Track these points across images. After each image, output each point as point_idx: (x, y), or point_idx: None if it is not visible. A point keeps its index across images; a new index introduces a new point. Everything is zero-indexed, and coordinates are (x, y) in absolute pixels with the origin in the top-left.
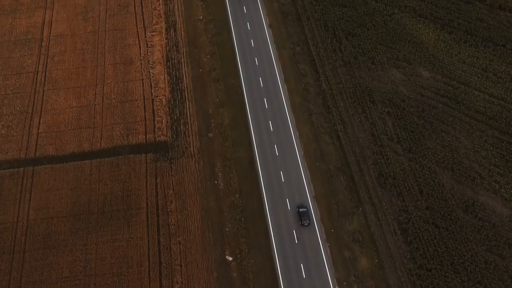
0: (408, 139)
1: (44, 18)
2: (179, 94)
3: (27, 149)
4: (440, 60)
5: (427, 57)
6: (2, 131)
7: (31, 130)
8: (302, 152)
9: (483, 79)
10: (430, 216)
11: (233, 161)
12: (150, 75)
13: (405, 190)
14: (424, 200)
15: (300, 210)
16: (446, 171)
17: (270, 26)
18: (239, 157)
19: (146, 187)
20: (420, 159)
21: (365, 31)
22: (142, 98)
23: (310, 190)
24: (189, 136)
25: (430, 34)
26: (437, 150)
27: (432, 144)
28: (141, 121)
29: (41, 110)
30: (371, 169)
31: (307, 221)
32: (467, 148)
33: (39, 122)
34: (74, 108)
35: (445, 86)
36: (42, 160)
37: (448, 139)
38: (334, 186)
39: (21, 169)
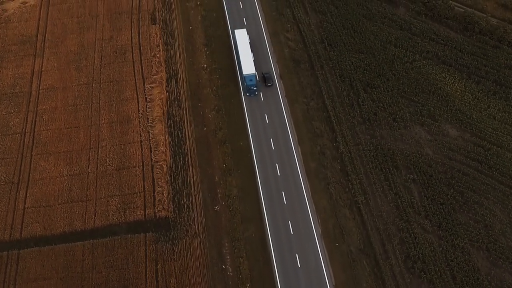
0: (437, 212)
1: (33, 67)
2: (181, 158)
3: (12, 228)
4: (468, 116)
5: (453, 112)
6: None
7: (16, 204)
8: (320, 230)
9: None
10: None
11: (243, 241)
12: (149, 135)
13: (436, 276)
14: None
15: None
16: (481, 251)
17: (280, 76)
18: (249, 237)
19: (146, 276)
20: (452, 237)
21: (384, 82)
22: (141, 164)
23: (330, 277)
24: (193, 210)
25: (456, 84)
26: (470, 226)
27: (464, 219)
28: (139, 192)
29: (28, 180)
30: (397, 250)
31: None
32: (503, 223)
33: (26, 194)
34: (65, 177)
35: (475, 148)
36: (29, 242)
37: (481, 212)
38: (357, 272)
39: (5, 253)
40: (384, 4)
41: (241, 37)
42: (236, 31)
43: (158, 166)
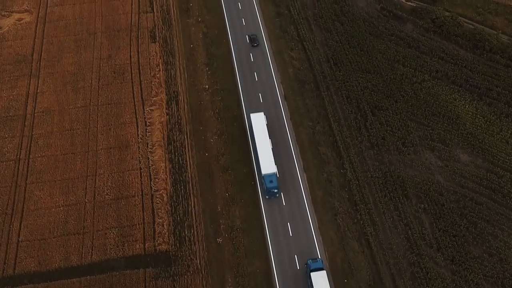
0: (450, 245)
1: (29, 89)
2: (182, 187)
3: (5, 264)
4: (480, 140)
5: (464, 136)
6: None
7: (10, 238)
8: (328, 265)
9: None
10: None
11: (247, 277)
12: (149, 162)
13: None
14: None
15: None
16: (496, 287)
17: (285, 97)
18: (253, 272)
19: None
20: (465, 272)
21: (393, 104)
22: (140, 193)
23: None
24: (194, 243)
25: (467, 106)
26: (484, 260)
27: (478, 252)
28: (138, 224)
29: (23, 211)
30: (408, 287)
31: None
32: None
33: (20, 227)
34: (61, 208)
35: (487, 174)
36: (23, 279)
37: (496, 244)
38: None
39: None
40: (391, 21)
41: (258, 123)
42: (252, 115)
43: (158, 195)
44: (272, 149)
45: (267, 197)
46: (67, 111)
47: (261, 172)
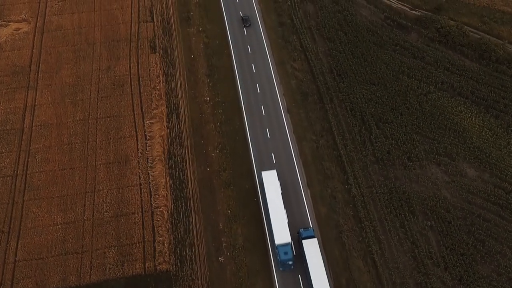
0: (458, 264)
1: (26, 101)
2: (183, 203)
3: (1, 285)
4: (487, 154)
5: (471, 150)
6: None
7: (6, 257)
8: (333, 286)
9: None
10: None
11: None
12: (149, 178)
13: None
14: None
15: None
16: None
17: (288, 110)
18: None
19: None
20: None
21: (398, 117)
22: (140, 210)
23: None
24: (196, 263)
25: (473, 119)
26: (493, 280)
27: (486, 271)
28: (138, 243)
29: (20, 229)
30: None
31: None
32: None
33: (17, 245)
34: (59, 226)
35: (495, 190)
36: None
37: (505, 263)
38: None
39: None
40: (395, 30)
41: (271, 183)
42: (263, 173)
43: (158, 213)
44: (286, 213)
45: (281, 269)
46: (66, 125)
47: (274, 242)
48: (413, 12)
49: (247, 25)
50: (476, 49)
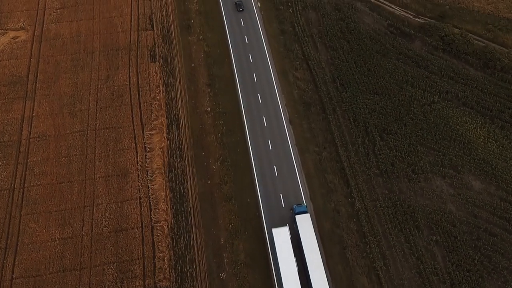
0: (464, 281)
1: (24, 112)
2: (184, 218)
3: None
4: (493, 166)
5: (477, 162)
6: None
7: (3, 275)
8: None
9: None
10: None
11: None
12: (149, 191)
13: None
14: None
15: None
16: None
17: (290, 121)
18: None
19: None
20: None
21: (402, 127)
22: (140, 225)
23: None
24: (197, 279)
25: (479, 130)
26: None
27: None
28: (138, 259)
29: (17, 245)
30: None
31: None
32: None
33: (14, 262)
34: (57, 241)
35: (501, 203)
36: None
37: None
38: None
39: None
40: (398, 38)
41: (282, 242)
42: (274, 230)
43: (158, 227)
44: (298, 273)
45: None
46: (64, 136)
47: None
48: (417, 19)
49: (240, 9)
50: (481, 57)
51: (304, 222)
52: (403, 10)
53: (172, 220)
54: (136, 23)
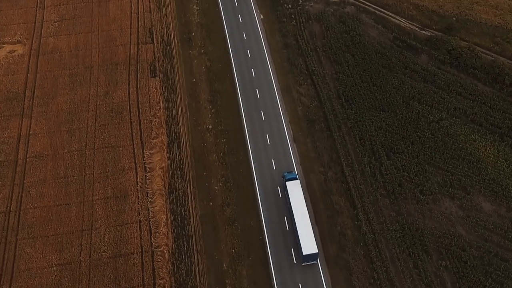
0: None
1: (20, 130)
2: (185, 242)
3: None
4: (503, 187)
5: (486, 182)
6: None
7: None
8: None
9: None
10: None
11: None
12: (149, 214)
13: None
14: None
15: None
16: None
17: (294, 139)
18: None
19: None
20: None
21: (409, 146)
22: (140, 250)
23: None
24: None
25: (488, 148)
26: None
27: None
28: (138, 286)
29: (13, 271)
30: None
31: None
32: None
33: None
34: (54, 268)
35: None
36: None
37: None
38: None
39: None
40: (404, 52)
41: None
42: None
43: (159, 253)
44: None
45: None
46: (61, 156)
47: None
48: (423, 32)
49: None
50: (489, 72)
51: (295, 188)
52: (409, 22)
53: (173, 245)
54: (135, 36)
